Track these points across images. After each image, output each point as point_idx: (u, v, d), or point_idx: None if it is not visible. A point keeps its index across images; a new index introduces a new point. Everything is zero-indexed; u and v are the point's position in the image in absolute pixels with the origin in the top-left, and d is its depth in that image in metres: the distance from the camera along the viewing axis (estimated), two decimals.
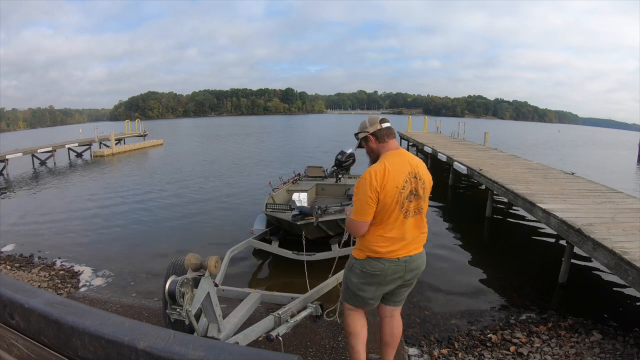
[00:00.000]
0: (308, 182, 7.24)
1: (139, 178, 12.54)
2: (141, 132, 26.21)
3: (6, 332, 0.80)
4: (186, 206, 8.62)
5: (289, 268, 5.01)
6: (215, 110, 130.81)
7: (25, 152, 15.36)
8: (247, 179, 11.95)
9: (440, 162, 11.55)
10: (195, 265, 2.32)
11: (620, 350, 3.11)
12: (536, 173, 7.63)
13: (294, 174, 7.45)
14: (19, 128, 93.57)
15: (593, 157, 21.02)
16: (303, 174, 7.61)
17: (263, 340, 2.58)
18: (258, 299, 3.09)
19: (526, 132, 48.79)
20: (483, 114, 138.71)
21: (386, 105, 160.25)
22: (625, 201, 5.40)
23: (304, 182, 7.30)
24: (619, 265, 3.33)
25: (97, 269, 5.10)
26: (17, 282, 0.89)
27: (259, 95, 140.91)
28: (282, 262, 5.12)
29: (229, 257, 4.29)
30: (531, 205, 5.26)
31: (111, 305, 3.99)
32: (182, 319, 2.11)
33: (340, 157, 7.12)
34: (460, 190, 10.46)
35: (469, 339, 3.40)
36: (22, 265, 5.15)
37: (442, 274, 4.96)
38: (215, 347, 0.63)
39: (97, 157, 18.42)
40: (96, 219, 7.65)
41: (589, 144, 32.03)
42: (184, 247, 5.82)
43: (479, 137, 16.24)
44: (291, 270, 4.96)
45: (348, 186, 6.99)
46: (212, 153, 20.41)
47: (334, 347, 3.13)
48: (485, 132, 15.44)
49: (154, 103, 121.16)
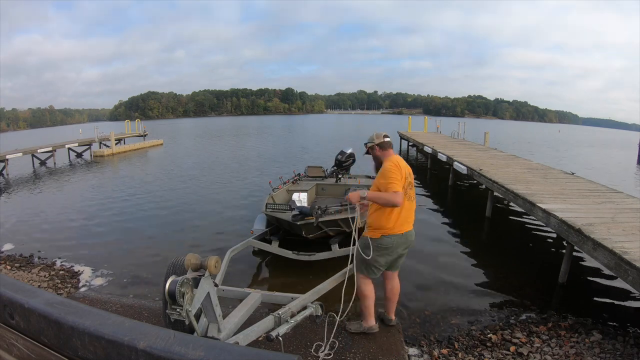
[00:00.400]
0: (308, 182, 7.24)
1: (138, 178, 12.54)
2: (141, 132, 26.21)
3: (6, 332, 0.80)
4: (186, 206, 8.62)
5: (289, 268, 5.01)
6: (215, 110, 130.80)
7: (25, 152, 15.36)
8: (246, 179, 11.95)
9: (440, 162, 11.54)
10: (195, 265, 2.32)
11: (620, 350, 3.11)
12: (536, 173, 7.63)
13: (294, 174, 7.44)
14: (19, 128, 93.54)
15: (593, 157, 21.02)
16: (303, 174, 7.60)
17: (263, 340, 2.58)
18: (258, 299, 3.09)
19: (526, 132, 48.78)
20: (483, 114, 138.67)
21: (386, 105, 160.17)
22: (625, 201, 5.40)
23: (304, 182, 7.29)
24: (619, 265, 3.33)
25: (97, 269, 5.10)
26: (17, 282, 0.89)
27: (259, 95, 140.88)
28: (282, 262, 5.11)
29: (229, 257, 4.29)
30: (531, 205, 5.26)
31: (111, 305, 3.99)
32: (182, 319, 2.11)
33: (340, 157, 7.26)
34: (460, 190, 10.46)
35: (469, 339, 3.40)
36: (22, 265, 5.15)
37: (442, 273, 4.96)
38: (215, 347, 0.63)
39: (97, 157, 18.42)
40: (96, 219, 7.65)
41: (587, 144, 32.01)
42: (183, 247, 5.83)
43: (479, 137, 16.24)
44: (291, 270, 4.96)
45: (348, 186, 6.94)
46: (212, 153, 20.42)
47: (334, 347, 3.12)
48: (485, 132, 15.44)
49: (153, 103, 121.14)
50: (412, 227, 3.04)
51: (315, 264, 4.94)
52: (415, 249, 5.84)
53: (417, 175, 12.52)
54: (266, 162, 15.86)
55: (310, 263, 4.92)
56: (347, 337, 3.23)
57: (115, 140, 20.75)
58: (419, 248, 5.90)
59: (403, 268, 5.14)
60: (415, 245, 3.15)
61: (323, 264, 4.98)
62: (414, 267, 5.18)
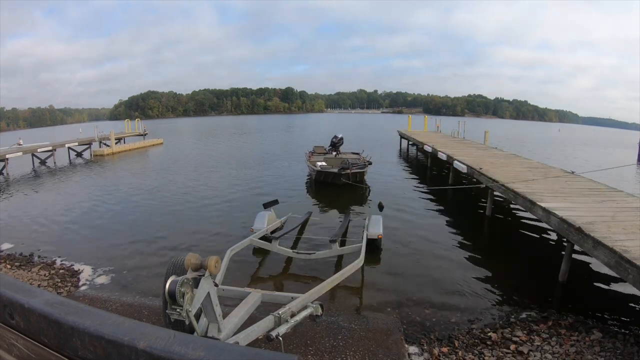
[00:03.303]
0: (318, 157, 12.25)
1: (138, 177, 12.54)
2: (141, 132, 26.19)
3: (6, 332, 0.80)
4: (186, 205, 8.62)
5: (289, 267, 5.02)
6: (215, 110, 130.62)
7: (25, 151, 15.35)
8: (246, 178, 11.94)
9: (440, 161, 11.54)
10: (195, 265, 2.32)
11: (621, 349, 3.11)
12: (536, 172, 7.62)
13: (309, 152, 13.07)
14: (19, 127, 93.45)
15: (593, 157, 21.01)
16: (312, 152, 13.05)
17: (263, 339, 2.58)
18: (258, 298, 3.09)
19: (526, 132, 48.75)
20: (483, 113, 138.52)
21: (386, 104, 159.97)
22: (625, 200, 5.40)
23: (315, 157, 12.30)
24: (619, 264, 3.33)
25: (97, 268, 5.11)
26: (17, 281, 0.89)
27: (259, 94, 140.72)
28: (283, 261, 5.13)
29: (229, 257, 4.29)
30: (531, 204, 5.26)
31: (111, 304, 4.00)
32: (182, 319, 2.11)
33: (335, 140, 12.96)
34: (460, 189, 10.46)
35: (469, 337, 3.41)
36: (23, 264, 5.16)
37: (442, 272, 4.97)
38: (215, 347, 0.63)
39: (97, 157, 18.41)
40: (96, 218, 7.65)
41: (583, 144, 31.99)
42: (184, 246, 5.83)
43: (479, 136, 16.22)
44: (291, 270, 4.97)
45: (342, 159, 11.20)
46: (212, 152, 20.41)
47: (334, 346, 3.13)
48: (485, 131, 15.43)
49: (153, 102, 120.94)
50: None
51: (315, 263, 4.95)
52: (415, 248, 5.88)
53: (417, 175, 12.55)
54: (266, 162, 15.85)
55: (310, 262, 4.93)
56: (348, 336, 3.24)
57: (115, 140, 20.75)
58: (419, 247, 5.92)
59: (403, 268, 5.20)
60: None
61: (323, 263, 4.99)
62: (413, 267, 5.19)
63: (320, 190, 10.01)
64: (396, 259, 5.39)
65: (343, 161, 10.58)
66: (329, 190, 9.76)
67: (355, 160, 11.25)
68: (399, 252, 5.64)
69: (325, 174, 10.01)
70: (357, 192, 9.67)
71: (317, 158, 11.88)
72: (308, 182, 11.13)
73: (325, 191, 9.85)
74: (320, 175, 10.10)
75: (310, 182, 10.91)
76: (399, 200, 8.83)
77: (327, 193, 9.70)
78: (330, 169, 10.20)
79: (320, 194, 9.78)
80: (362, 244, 4.69)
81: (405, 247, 5.86)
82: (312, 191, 10.10)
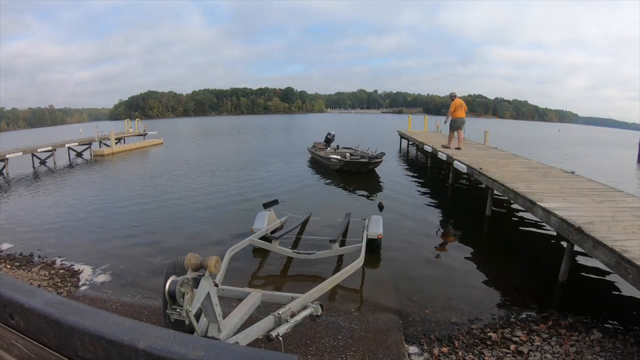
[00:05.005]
0: (320, 152, 14.02)
1: (138, 177, 12.54)
2: (141, 132, 26.17)
3: (6, 332, 0.80)
4: (186, 205, 8.62)
5: (289, 267, 5.03)
6: (216, 110, 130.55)
7: (25, 151, 15.34)
8: (246, 177, 11.94)
9: (440, 161, 11.54)
10: (195, 265, 2.32)
11: (621, 349, 3.11)
12: (536, 172, 7.62)
13: (311, 147, 15.22)
14: (19, 127, 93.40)
15: (592, 157, 21.00)
16: (314, 147, 14.98)
17: (263, 340, 2.58)
18: (258, 298, 3.09)
19: (525, 132, 48.73)
20: (483, 113, 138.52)
21: (386, 104, 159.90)
22: (625, 200, 5.40)
23: (319, 151, 14.05)
24: (619, 264, 3.33)
25: (97, 268, 5.10)
26: (17, 281, 0.89)
27: (259, 94, 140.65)
28: (283, 261, 5.13)
29: (229, 257, 4.29)
30: (531, 204, 5.26)
31: (111, 304, 4.00)
32: (182, 319, 2.11)
33: (329, 136, 15.14)
34: (460, 189, 10.46)
35: (469, 337, 3.41)
36: (22, 264, 5.16)
37: (442, 272, 4.97)
38: (215, 347, 0.63)
39: (97, 157, 18.39)
40: (96, 218, 7.65)
41: (580, 144, 31.99)
42: (183, 246, 5.83)
43: (479, 136, 16.21)
44: (291, 270, 4.97)
45: (338, 152, 13.59)
46: (212, 152, 20.41)
47: (334, 346, 3.13)
48: (485, 131, 15.42)
49: (153, 102, 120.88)
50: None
51: (315, 263, 4.95)
52: (415, 248, 5.89)
53: (417, 174, 12.56)
54: (266, 162, 15.85)
55: (310, 262, 4.93)
56: (348, 336, 3.24)
57: (115, 140, 20.74)
58: (419, 247, 5.92)
59: (403, 267, 5.20)
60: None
61: (323, 263, 4.99)
62: (413, 266, 5.19)
63: (328, 187, 10.70)
64: (396, 259, 5.39)
65: (356, 153, 13.07)
66: (339, 185, 10.70)
67: (365, 153, 13.18)
68: (399, 252, 5.64)
69: (353, 164, 11.67)
70: (372, 181, 11.16)
71: (321, 152, 13.84)
72: (313, 178, 11.96)
73: (338, 185, 10.13)
74: (348, 165, 11.74)
75: (325, 173, 12.29)
76: (399, 200, 8.83)
77: (330, 192, 9.73)
78: (359, 159, 11.79)
79: (321, 193, 9.79)
80: (362, 244, 4.69)
81: (405, 247, 5.86)
82: (312, 190, 10.14)
